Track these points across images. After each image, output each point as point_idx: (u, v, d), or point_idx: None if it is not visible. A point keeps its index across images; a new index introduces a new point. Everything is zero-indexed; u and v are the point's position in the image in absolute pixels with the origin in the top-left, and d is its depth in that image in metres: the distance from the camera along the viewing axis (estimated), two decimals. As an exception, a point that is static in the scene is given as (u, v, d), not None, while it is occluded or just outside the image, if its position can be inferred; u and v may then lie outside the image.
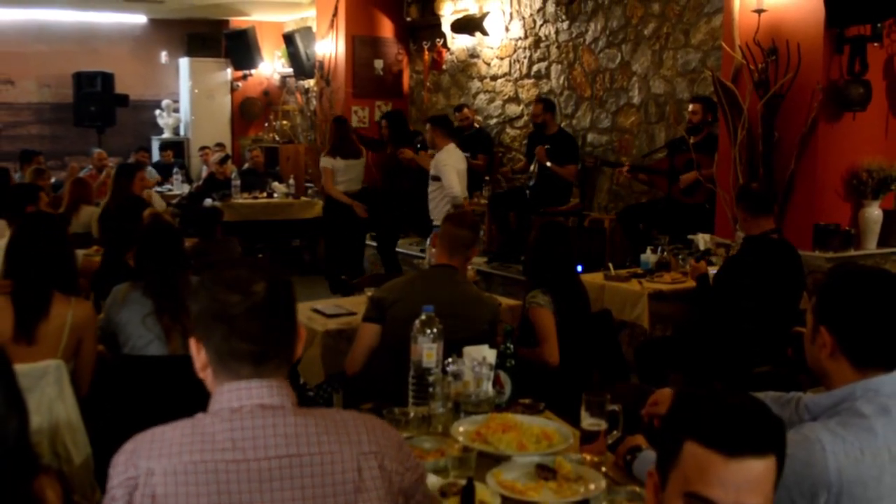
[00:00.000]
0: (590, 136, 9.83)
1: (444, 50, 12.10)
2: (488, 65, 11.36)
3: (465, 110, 10.81)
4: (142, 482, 1.94)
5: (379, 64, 12.89)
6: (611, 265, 6.69)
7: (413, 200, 9.76)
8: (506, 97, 11.09)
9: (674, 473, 1.83)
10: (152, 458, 1.96)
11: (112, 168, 9.60)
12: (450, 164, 8.38)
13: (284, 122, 15.06)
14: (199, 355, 2.11)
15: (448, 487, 2.65)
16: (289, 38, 13.76)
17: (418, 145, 10.17)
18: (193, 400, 3.85)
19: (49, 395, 3.69)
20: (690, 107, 7.95)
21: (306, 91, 14.71)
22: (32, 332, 3.86)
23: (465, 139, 10.55)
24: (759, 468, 1.77)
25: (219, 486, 1.93)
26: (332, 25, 12.91)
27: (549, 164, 8.97)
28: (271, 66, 15.75)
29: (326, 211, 10.53)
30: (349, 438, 2.04)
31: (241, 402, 2.02)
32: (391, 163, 10.21)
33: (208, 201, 11.24)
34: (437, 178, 8.41)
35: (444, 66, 12.22)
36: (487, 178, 10.53)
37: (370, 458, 2.03)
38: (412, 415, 3.21)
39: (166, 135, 15.66)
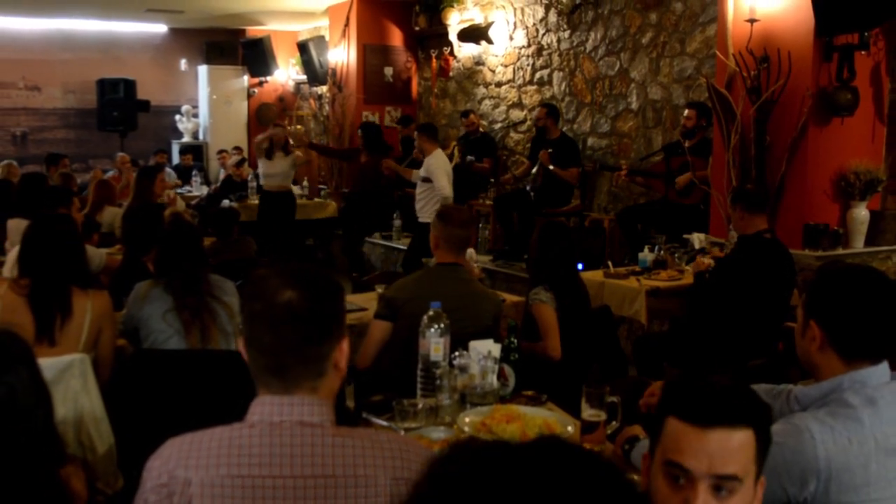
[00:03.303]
0: (590, 140, 9.82)
1: (450, 58, 12.10)
2: (493, 72, 11.35)
3: (472, 116, 10.85)
4: (178, 491, 1.89)
5: (389, 71, 12.90)
6: (610, 263, 6.70)
7: (391, 202, 10.93)
8: (510, 103, 11.08)
9: (658, 448, 1.90)
10: (189, 468, 1.90)
11: (134, 171, 9.61)
12: (440, 166, 8.80)
13: (298, 126, 15.07)
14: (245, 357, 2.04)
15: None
16: (303, 47, 13.77)
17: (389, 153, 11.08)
18: (209, 392, 3.88)
19: (74, 387, 3.69)
20: (685, 112, 7.93)
21: (319, 97, 14.71)
22: (53, 327, 3.83)
23: (470, 143, 10.61)
24: (732, 439, 1.83)
25: (254, 501, 1.89)
26: (344, 34, 12.93)
27: (551, 167, 8.97)
28: (286, 73, 15.75)
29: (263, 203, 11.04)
30: (384, 462, 1.96)
31: (283, 417, 1.96)
32: (367, 169, 10.89)
33: (226, 202, 11.27)
34: (427, 180, 8.72)
35: (450, 73, 12.22)
36: (492, 180, 10.57)
37: (402, 483, 1.96)
38: (420, 406, 3.21)
39: (186, 139, 15.66)
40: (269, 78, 15.61)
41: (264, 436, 1.94)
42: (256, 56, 15.14)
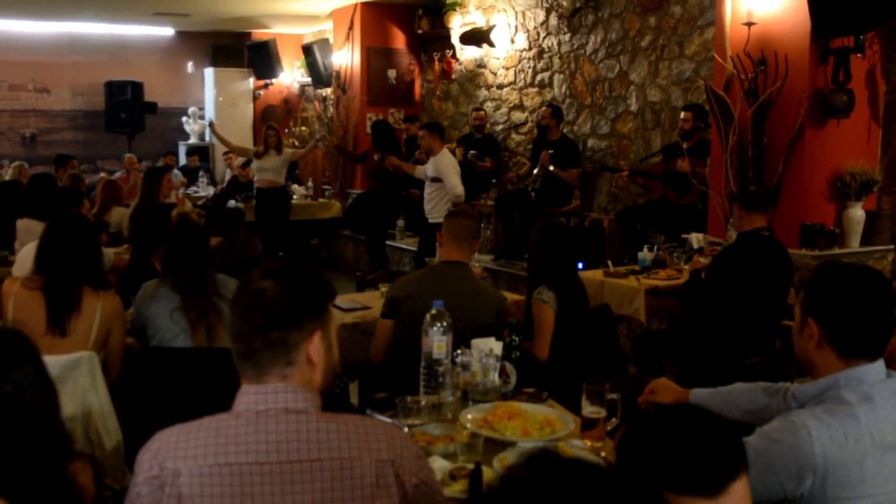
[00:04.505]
0: (590, 142, 9.81)
1: (453, 60, 12.09)
2: (495, 74, 11.35)
3: (482, 111, 10.88)
4: (168, 482, 1.90)
5: (392, 73, 12.90)
6: (610, 263, 6.71)
7: (402, 201, 10.79)
8: (511, 105, 11.08)
9: None
10: (178, 458, 1.92)
11: (141, 171, 9.63)
12: (449, 165, 8.73)
13: (303, 128, 15.07)
14: None
15: (457, 471, 2.66)
16: (307, 50, 13.77)
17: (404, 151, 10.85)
18: (214, 389, 3.87)
19: (82, 384, 3.70)
20: (682, 114, 7.92)
21: (324, 99, 14.71)
22: (64, 325, 3.87)
23: (472, 143, 10.61)
24: (739, 488, 1.71)
25: (242, 488, 1.90)
26: (348, 37, 12.93)
27: (552, 167, 8.97)
28: (291, 76, 15.75)
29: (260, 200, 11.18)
30: (369, 445, 1.97)
31: (268, 405, 1.97)
32: (379, 169, 10.84)
33: (232, 203, 11.28)
34: (436, 180, 8.63)
35: (453, 76, 12.21)
36: (494, 180, 10.57)
37: (387, 465, 1.97)
38: (423, 403, 3.21)
39: (192, 140, 15.66)
40: (274, 80, 15.60)
41: (250, 424, 1.95)
42: (262, 59, 15.14)
